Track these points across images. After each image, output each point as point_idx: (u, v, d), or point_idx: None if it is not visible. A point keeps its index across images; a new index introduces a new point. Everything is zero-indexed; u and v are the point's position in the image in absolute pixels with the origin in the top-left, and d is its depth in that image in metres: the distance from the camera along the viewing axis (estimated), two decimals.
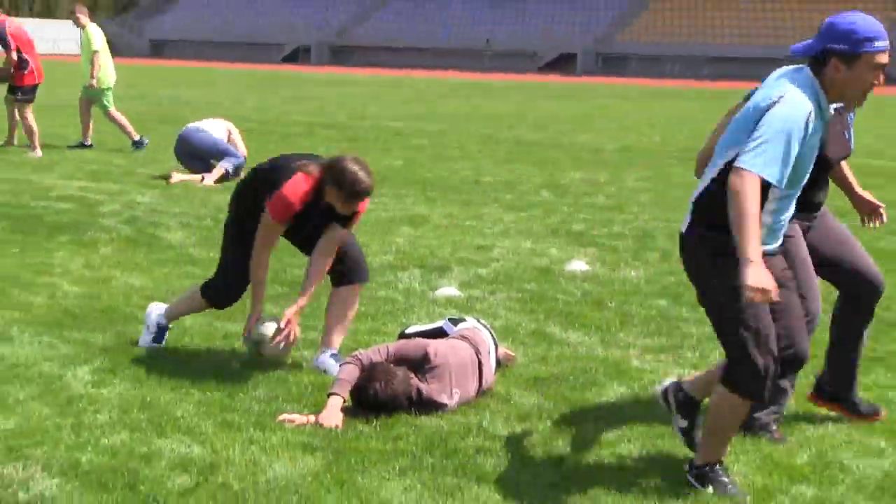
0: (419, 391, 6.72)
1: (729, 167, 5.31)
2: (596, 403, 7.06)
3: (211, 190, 15.76)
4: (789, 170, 5.25)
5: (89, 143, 20.97)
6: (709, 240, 5.57)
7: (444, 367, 6.84)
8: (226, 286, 7.79)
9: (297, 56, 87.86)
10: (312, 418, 6.50)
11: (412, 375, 6.75)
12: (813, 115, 5.29)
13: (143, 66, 68.29)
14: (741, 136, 5.35)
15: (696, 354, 8.23)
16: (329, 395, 6.63)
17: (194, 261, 10.93)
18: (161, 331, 7.96)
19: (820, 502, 5.61)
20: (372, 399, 6.61)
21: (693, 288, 5.94)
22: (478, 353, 7.12)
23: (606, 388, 7.36)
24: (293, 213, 7.44)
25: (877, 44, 5.31)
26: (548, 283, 10.54)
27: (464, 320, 7.63)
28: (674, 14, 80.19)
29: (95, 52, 20.81)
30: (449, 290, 9.98)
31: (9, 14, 21.24)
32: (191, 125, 17.75)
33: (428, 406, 6.71)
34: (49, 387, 6.97)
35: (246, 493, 5.48)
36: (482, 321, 7.75)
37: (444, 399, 6.76)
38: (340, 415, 6.52)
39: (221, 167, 16.89)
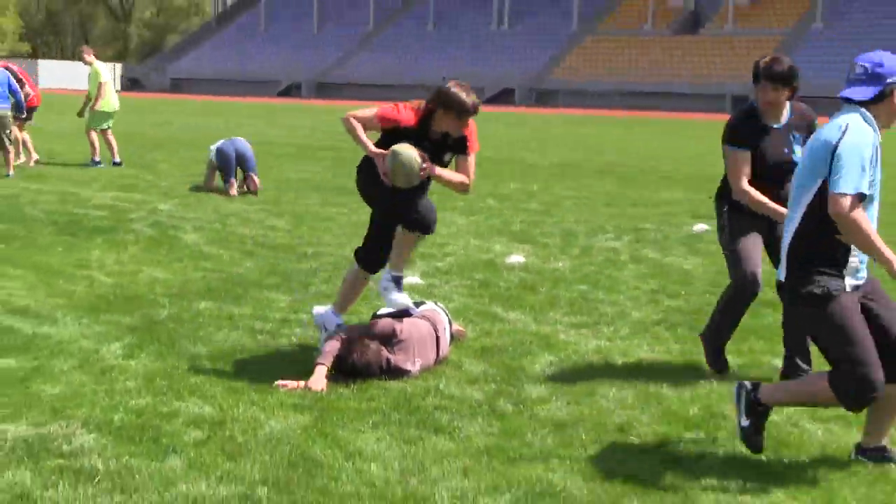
0: (388, 360, 6.74)
1: (816, 204, 5.10)
2: (530, 369, 7.08)
3: (220, 200, 15.69)
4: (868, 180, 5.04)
5: (118, 160, 20.67)
6: (798, 283, 5.19)
7: (408, 342, 6.86)
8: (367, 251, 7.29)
9: (290, 91, 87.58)
10: (302, 383, 6.49)
11: (383, 348, 6.77)
12: (876, 138, 5.11)
13: (164, 100, 67.98)
14: (819, 171, 5.09)
15: (610, 329, 8.26)
16: (316, 364, 6.65)
17: (206, 257, 10.89)
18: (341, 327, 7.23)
19: (706, 445, 5.68)
20: (350, 367, 6.64)
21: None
22: (436, 329, 7.14)
23: (539, 357, 7.38)
24: (392, 120, 7.01)
25: None
26: (492, 272, 10.54)
27: (424, 303, 7.63)
28: (594, 57, 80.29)
29: (102, 83, 20.59)
30: (412, 279, 9.95)
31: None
32: (241, 139, 17.46)
33: (395, 373, 6.73)
34: (87, 359, 6.96)
35: (248, 443, 5.49)
36: (439, 304, 7.75)
37: (408, 367, 6.78)
38: (325, 380, 6.54)
39: (256, 179, 16.80)
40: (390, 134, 7.03)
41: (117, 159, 20.69)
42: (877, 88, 5.11)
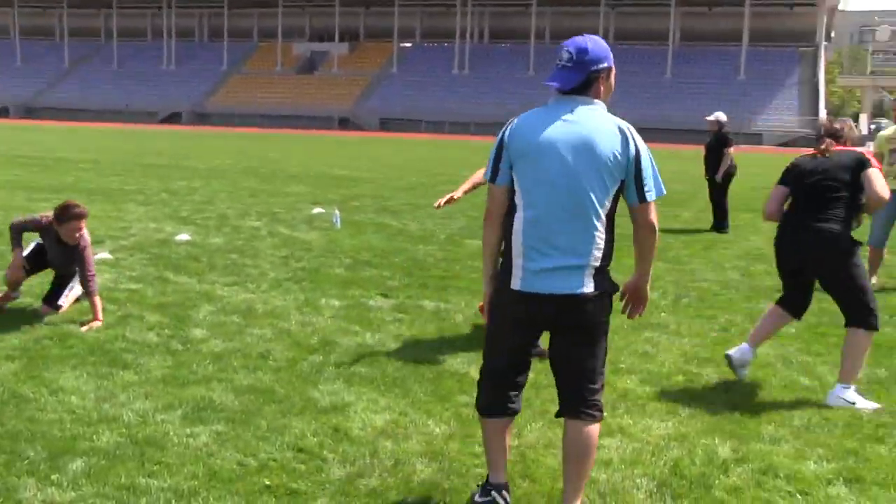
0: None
1: (610, 213, 3.37)
2: (195, 317, 6.79)
3: None
4: None
5: None
6: (607, 288, 3.44)
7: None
8: None
9: (2, 113, 79.57)
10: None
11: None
12: None
13: None
14: (615, 181, 3.32)
15: (254, 285, 8.08)
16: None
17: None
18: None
19: (325, 363, 5.70)
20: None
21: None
22: None
23: (201, 308, 7.10)
24: None
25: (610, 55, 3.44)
26: (165, 248, 10.02)
27: None
28: (240, 90, 78.36)
29: None
30: (103, 254, 9.33)
31: None
32: None
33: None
34: None
35: None
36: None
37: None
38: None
39: None
40: None
41: None
42: (581, 76, 3.36)
